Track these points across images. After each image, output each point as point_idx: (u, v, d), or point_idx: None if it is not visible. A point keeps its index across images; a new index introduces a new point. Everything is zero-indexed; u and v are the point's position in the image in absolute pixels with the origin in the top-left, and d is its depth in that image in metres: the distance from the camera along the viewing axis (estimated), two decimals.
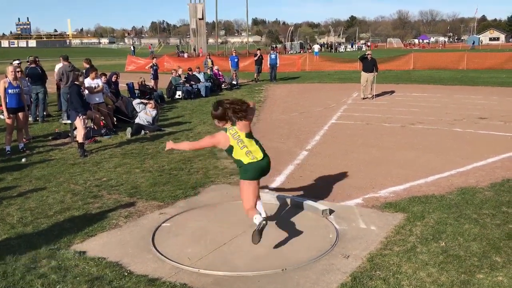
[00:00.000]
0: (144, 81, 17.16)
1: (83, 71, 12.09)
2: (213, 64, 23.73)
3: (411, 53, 34.70)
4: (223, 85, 21.56)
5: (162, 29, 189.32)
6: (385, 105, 15.48)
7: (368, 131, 11.22)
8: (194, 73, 19.74)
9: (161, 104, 15.98)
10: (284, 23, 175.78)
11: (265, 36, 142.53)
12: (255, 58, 25.69)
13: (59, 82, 13.66)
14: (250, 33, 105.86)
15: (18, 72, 9.70)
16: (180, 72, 19.28)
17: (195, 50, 50.49)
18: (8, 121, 9.34)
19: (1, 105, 10.00)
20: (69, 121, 10.19)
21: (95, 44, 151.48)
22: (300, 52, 62.10)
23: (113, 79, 13.77)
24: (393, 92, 18.95)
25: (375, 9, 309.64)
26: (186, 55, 49.09)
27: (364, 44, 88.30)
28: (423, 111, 13.91)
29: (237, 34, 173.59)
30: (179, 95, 18.06)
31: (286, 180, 7.34)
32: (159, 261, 4.61)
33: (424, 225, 5.34)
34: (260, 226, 4.48)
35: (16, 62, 13.39)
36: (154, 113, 11.62)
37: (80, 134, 9.11)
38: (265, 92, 20.40)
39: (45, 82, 13.73)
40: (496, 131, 10.85)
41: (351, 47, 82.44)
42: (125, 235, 5.27)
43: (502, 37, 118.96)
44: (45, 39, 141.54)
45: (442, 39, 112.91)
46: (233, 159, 4.83)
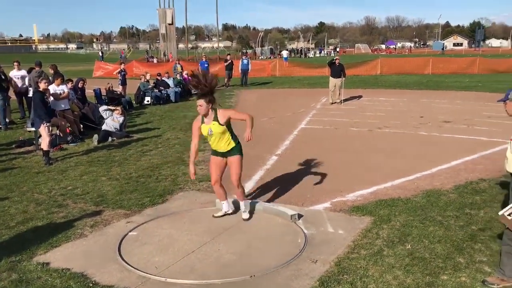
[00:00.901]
0: (111, 87, 16.92)
1: (49, 77, 11.79)
2: (182, 69, 23.59)
3: (378, 59, 35.36)
4: (193, 91, 21.44)
5: (131, 34, 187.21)
6: (353, 110, 15.71)
7: (336, 136, 11.35)
8: (163, 79, 19.58)
9: (129, 110, 15.77)
10: (254, 28, 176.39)
11: (235, 41, 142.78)
12: (226, 63, 25.69)
13: (18, 88, 13.34)
14: (220, 38, 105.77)
15: None
16: (148, 77, 19.08)
17: (165, 55, 50.07)
18: None
19: None
20: (33, 129, 9.93)
21: (62, 49, 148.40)
22: (270, 57, 62.40)
23: (80, 85, 13.52)
24: (360, 97, 19.25)
25: (343, 15, 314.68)
26: (155, 61, 48.64)
27: (332, 50, 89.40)
28: (390, 115, 14.18)
29: (207, 39, 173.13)
30: (148, 101, 17.87)
31: (255, 185, 7.34)
32: (125, 270, 4.52)
33: (390, 228, 5.42)
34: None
35: None
36: (121, 119, 11.44)
37: (45, 141, 8.88)
38: (236, 97, 20.41)
39: (5, 88, 13.31)
40: (460, 134, 11.14)
41: (320, 53, 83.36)
42: (90, 245, 5.15)
43: (465, 42, 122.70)
44: (9, 44, 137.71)
45: (408, 44, 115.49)
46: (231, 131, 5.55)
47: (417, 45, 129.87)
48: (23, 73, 14.30)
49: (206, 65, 24.22)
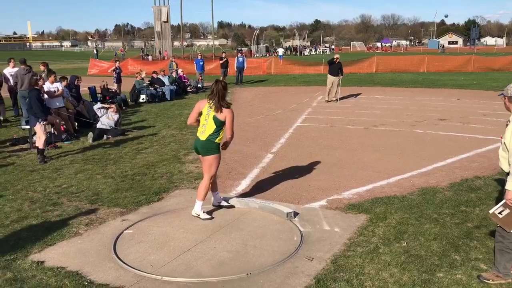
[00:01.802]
0: (106, 84, 16.82)
1: (41, 74, 11.70)
2: (177, 67, 23.51)
3: (373, 57, 35.39)
4: (188, 88, 21.41)
5: (126, 31, 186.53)
6: (349, 108, 15.72)
7: (332, 134, 11.35)
8: (158, 77, 19.51)
9: (124, 108, 15.70)
10: (250, 26, 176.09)
11: (231, 39, 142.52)
12: (221, 61, 25.61)
13: (13, 86, 13.24)
14: (215, 36, 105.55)
15: None
16: (143, 75, 19.01)
17: (160, 53, 49.94)
18: None
19: None
20: (28, 127, 9.86)
21: (57, 47, 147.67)
22: (265, 55, 62.37)
23: (75, 82, 13.44)
24: (356, 95, 19.26)
25: (338, 13, 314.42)
26: (150, 58, 48.46)
27: (328, 47, 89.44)
28: (386, 113, 14.20)
29: (202, 37, 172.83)
30: (143, 99, 17.80)
31: (251, 183, 7.32)
32: (121, 269, 4.50)
33: (386, 226, 5.42)
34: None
35: None
36: (116, 117, 11.39)
37: (40, 140, 8.82)
38: (231, 95, 20.34)
39: None
40: (455, 132, 11.17)
41: (315, 51, 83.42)
42: (85, 243, 5.12)
43: (460, 41, 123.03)
44: (3, 41, 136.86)
45: (404, 42, 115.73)
46: None
47: (412, 43, 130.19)
48: (17, 70, 14.20)
49: (201, 63, 24.12)
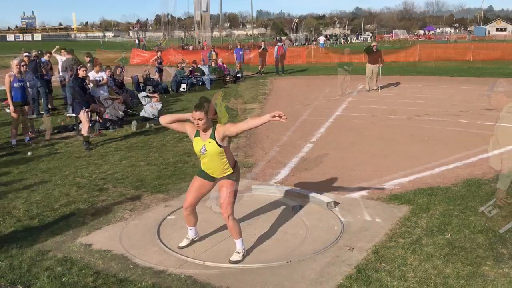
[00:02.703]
0: (149, 74, 17.16)
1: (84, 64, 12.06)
2: (217, 56, 23.68)
3: (416, 45, 34.43)
4: (227, 78, 21.53)
5: (166, 22, 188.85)
6: (391, 97, 15.40)
7: (373, 123, 11.17)
8: (198, 66, 19.73)
9: (166, 97, 15.98)
10: (289, 15, 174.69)
11: (269, 28, 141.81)
12: (260, 50, 25.60)
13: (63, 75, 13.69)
14: (254, 25, 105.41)
15: (23, 66, 9.71)
16: (184, 65, 19.27)
17: (199, 43, 50.36)
18: (14, 115, 9.38)
19: (6, 99, 10.04)
20: (74, 114, 10.21)
21: (100, 37, 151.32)
22: (305, 44, 61.76)
23: (118, 72, 13.78)
24: (398, 83, 18.82)
25: (380, 0, 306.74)
26: (191, 48, 48.96)
27: (369, 36, 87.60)
28: (429, 103, 13.82)
29: (241, 26, 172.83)
30: (184, 88, 18.05)
31: (290, 172, 7.33)
32: (164, 253, 4.62)
33: (429, 217, 5.32)
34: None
35: (25, 54, 13.45)
36: (159, 106, 11.63)
37: (84, 127, 9.14)
38: (270, 84, 20.34)
39: (45, 75, 13.70)
40: (503, 122, 10.74)
41: (357, 39, 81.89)
42: (130, 228, 5.28)
43: (509, 27, 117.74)
44: (50, 32, 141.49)
45: (448, 30, 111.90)
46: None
47: (457, 31, 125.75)
48: (65, 59, 14.67)
49: (241, 53, 24.20)
